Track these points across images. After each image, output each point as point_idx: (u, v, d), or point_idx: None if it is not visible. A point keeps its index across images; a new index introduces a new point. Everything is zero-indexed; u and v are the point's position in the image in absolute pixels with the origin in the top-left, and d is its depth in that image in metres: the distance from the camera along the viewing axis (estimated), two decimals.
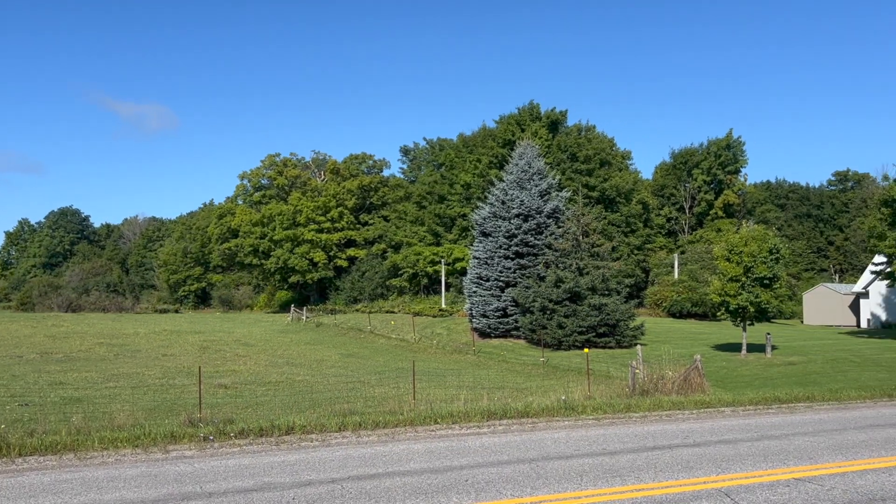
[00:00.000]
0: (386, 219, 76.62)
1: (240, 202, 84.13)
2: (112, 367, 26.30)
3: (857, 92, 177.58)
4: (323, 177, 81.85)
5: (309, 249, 72.36)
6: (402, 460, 8.36)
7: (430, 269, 64.71)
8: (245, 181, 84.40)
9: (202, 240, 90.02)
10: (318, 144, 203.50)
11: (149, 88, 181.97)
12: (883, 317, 49.77)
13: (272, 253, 72.97)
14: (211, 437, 9.67)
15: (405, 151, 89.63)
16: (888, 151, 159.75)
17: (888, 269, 38.06)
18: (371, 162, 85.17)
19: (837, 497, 6.50)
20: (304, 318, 55.46)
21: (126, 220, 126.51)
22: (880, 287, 47.41)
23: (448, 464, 8.12)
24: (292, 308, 59.35)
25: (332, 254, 74.21)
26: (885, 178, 47.37)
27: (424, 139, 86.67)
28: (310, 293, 77.54)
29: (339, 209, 75.09)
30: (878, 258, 42.20)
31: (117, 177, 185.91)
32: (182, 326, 48.58)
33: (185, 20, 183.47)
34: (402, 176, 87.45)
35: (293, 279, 73.66)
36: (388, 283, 70.00)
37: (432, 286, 66.90)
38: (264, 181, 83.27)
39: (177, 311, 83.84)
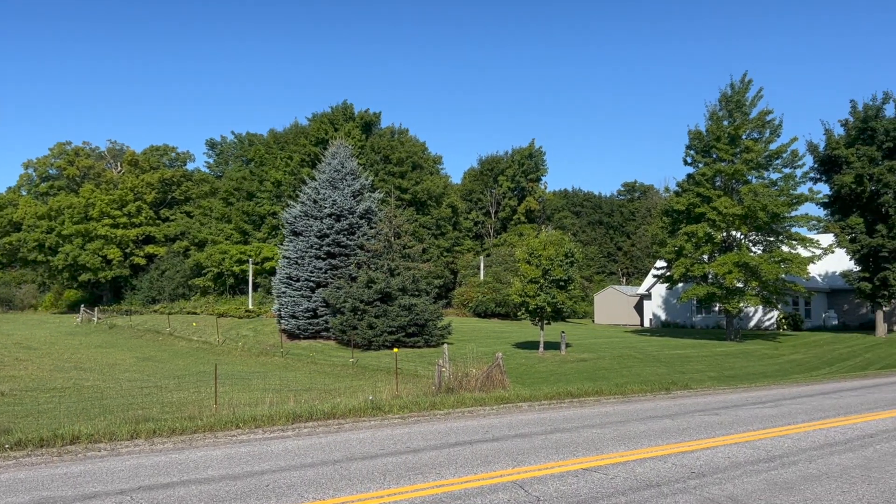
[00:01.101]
0: (189, 215, 73.06)
1: (24, 193, 76.66)
2: None
3: (643, 112, 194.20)
4: (120, 168, 76.52)
5: (102, 245, 67.24)
6: (199, 468, 7.98)
7: (236, 269, 62.54)
8: (30, 170, 77.07)
9: None
10: (115, 134, 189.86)
11: None
12: (663, 317, 54.63)
13: (60, 249, 67.09)
14: None
15: (212, 145, 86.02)
16: (670, 166, 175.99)
17: (668, 273, 41.83)
18: (174, 154, 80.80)
19: (619, 484, 7.02)
20: (94, 319, 51.57)
21: None
22: (661, 290, 52.07)
23: (249, 469, 7.85)
24: (82, 308, 54.91)
25: (128, 251, 69.49)
26: (667, 190, 52.08)
27: (233, 133, 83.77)
28: (103, 293, 72.19)
29: (138, 203, 70.53)
30: (660, 263, 46.35)
31: None
32: None
33: None
34: (207, 171, 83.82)
35: (84, 277, 68.12)
36: (190, 282, 66.73)
37: (239, 286, 64.70)
38: (52, 171, 76.46)
39: None
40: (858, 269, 41.03)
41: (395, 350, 23.43)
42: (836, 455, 8.43)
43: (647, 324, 55.89)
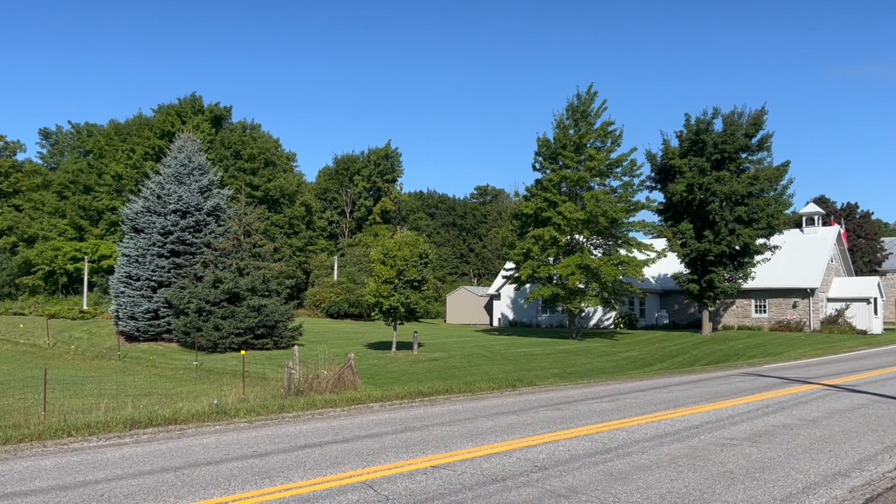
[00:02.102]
0: (18, 208, 67.61)
1: None
2: None
3: (496, 117, 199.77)
4: None
5: None
6: (25, 479, 7.38)
7: (70, 267, 58.52)
8: None
9: None
10: None
11: None
12: (511, 316, 56.36)
13: None
14: None
15: (45, 135, 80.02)
16: (519, 171, 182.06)
17: (516, 275, 43.22)
18: (1, 143, 74.46)
19: (466, 480, 7.16)
20: None
21: None
22: (509, 290, 53.72)
23: (82, 479, 7.35)
24: None
25: None
26: (517, 194, 53.99)
27: (70, 123, 78.39)
28: None
29: None
30: (509, 264, 47.79)
31: None
32: None
33: None
34: (40, 161, 77.90)
35: None
36: (17, 281, 61.72)
37: (73, 286, 60.58)
38: None
39: None
40: (688, 271, 44.15)
41: (243, 352, 22.74)
42: (666, 446, 9.02)
43: (496, 323, 57.48)
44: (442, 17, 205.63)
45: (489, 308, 60.22)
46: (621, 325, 50.68)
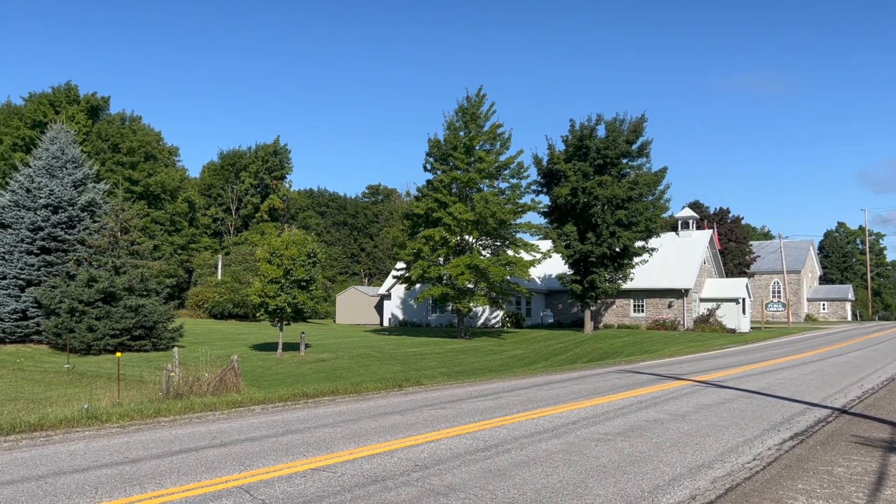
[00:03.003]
0: None
1: None
2: None
3: (389, 117, 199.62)
4: None
5: None
6: None
7: None
8: None
9: None
10: None
11: None
12: (401, 316, 56.44)
13: None
14: None
15: None
16: (412, 171, 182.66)
17: (406, 275, 43.30)
18: None
19: (346, 482, 7.12)
20: None
21: None
22: (400, 290, 53.80)
23: None
24: None
25: None
26: (408, 194, 54.13)
27: None
28: None
29: None
30: (400, 264, 47.82)
31: None
32: None
33: None
34: None
35: None
36: None
37: None
38: None
39: None
40: (571, 272, 45.52)
41: (119, 354, 21.73)
42: (544, 442, 9.27)
43: (386, 323, 57.42)
44: (334, 13, 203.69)
45: (380, 308, 60.07)
46: (508, 325, 51.73)
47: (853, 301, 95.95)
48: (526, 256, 42.96)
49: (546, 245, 46.87)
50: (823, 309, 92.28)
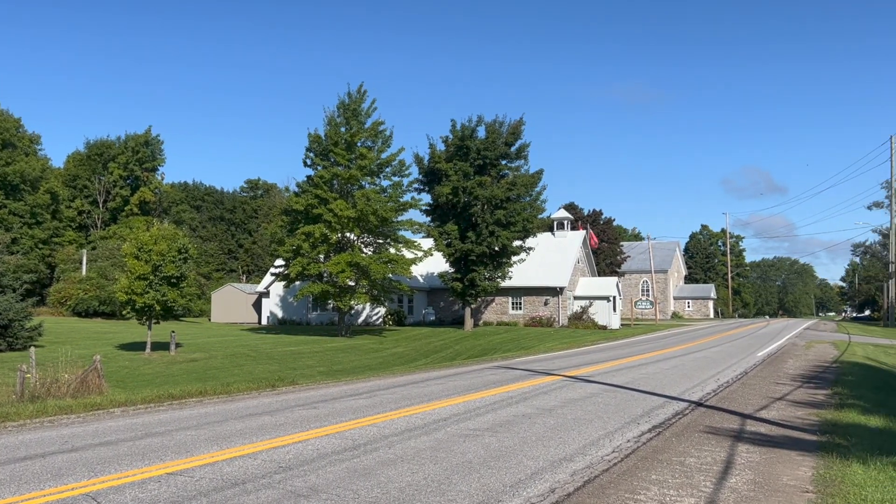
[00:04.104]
0: None
1: None
2: None
3: (270, 111, 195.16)
4: None
5: None
6: None
7: None
8: None
9: None
10: None
11: None
12: (280, 314, 55.30)
13: None
14: None
15: None
16: (292, 166, 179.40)
17: (285, 272, 42.45)
18: None
19: (204, 486, 6.84)
20: None
21: None
22: (279, 288, 52.64)
23: None
24: None
25: None
26: (287, 189, 53.04)
27: None
28: None
29: None
30: (279, 261, 46.86)
31: None
32: None
33: None
34: None
35: None
36: None
37: None
38: None
39: None
40: (452, 270, 46.03)
41: None
42: (413, 439, 9.26)
43: (265, 322, 56.12)
44: (209, 4, 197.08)
45: (258, 306, 58.61)
46: (390, 322, 51.68)
47: (715, 299, 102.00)
48: (408, 254, 43.05)
49: (428, 243, 47.16)
50: (688, 307, 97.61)
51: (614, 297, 53.31)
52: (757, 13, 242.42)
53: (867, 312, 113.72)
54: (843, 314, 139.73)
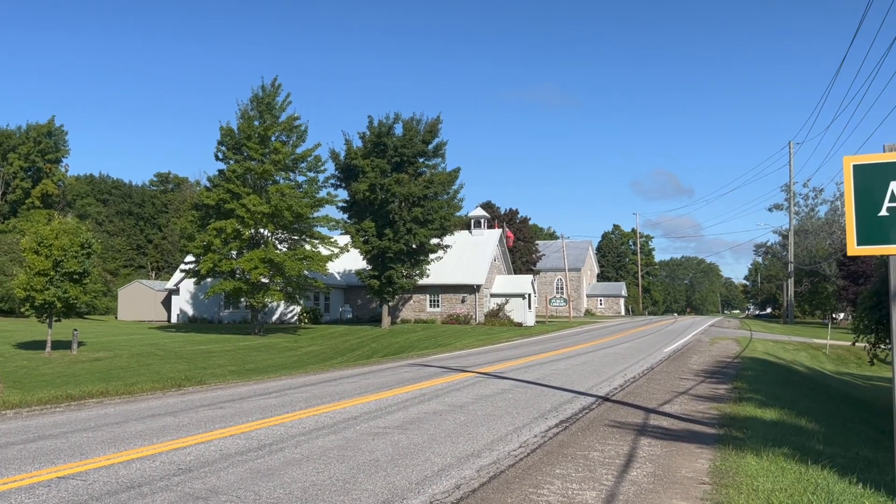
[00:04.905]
0: None
1: None
2: None
3: (180, 104, 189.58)
4: None
5: None
6: None
7: None
8: None
9: None
10: None
11: None
12: (190, 312, 53.83)
13: None
14: None
15: None
16: (204, 160, 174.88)
17: (196, 268, 41.31)
18: None
19: (97, 489, 6.55)
20: None
21: None
22: (189, 285, 51.18)
23: None
24: None
25: None
26: (197, 184, 51.61)
27: None
28: None
29: None
30: (189, 258, 45.56)
31: None
32: None
33: None
34: None
35: None
36: None
37: None
38: None
39: None
40: (370, 268, 45.79)
41: None
42: (321, 438, 9.13)
43: (174, 319, 54.53)
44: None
45: (167, 304, 56.87)
46: (306, 320, 50.98)
47: (626, 297, 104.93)
48: (324, 251, 42.56)
49: (345, 240, 46.75)
50: (601, 304, 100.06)
51: (529, 295, 54.12)
52: (666, 20, 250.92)
53: (769, 310, 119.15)
54: (747, 312, 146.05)
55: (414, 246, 44.60)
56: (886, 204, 4.94)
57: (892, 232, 4.90)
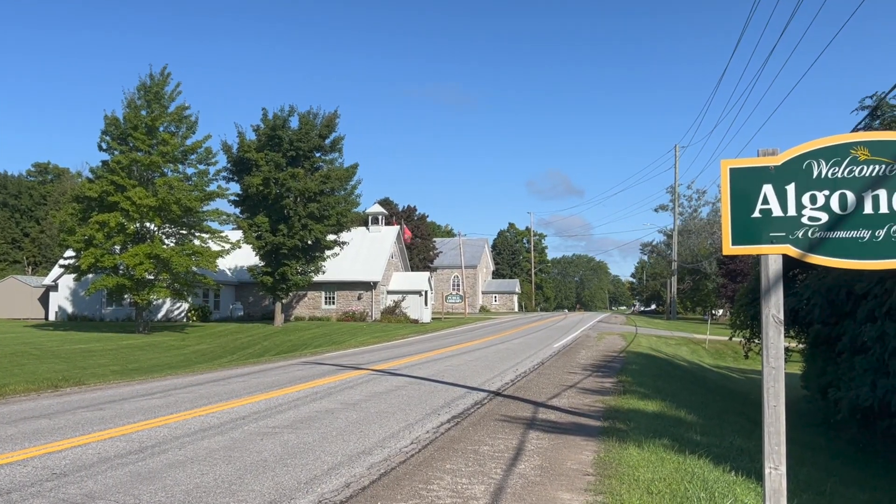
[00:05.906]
0: None
1: None
2: None
3: (56, 92, 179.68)
4: None
5: None
6: None
7: None
8: None
9: None
10: None
11: None
12: (70, 310, 51.19)
13: None
14: None
15: None
16: (87, 150, 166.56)
17: (76, 264, 39.25)
18: None
19: None
20: None
21: None
22: (69, 281, 48.59)
23: None
24: None
25: None
26: (79, 175, 49.07)
27: None
28: None
29: None
30: (69, 252, 43.23)
31: None
32: None
33: None
34: None
35: None
36: None
37: None
38: None
39: None
40: (263, 264, 44.82)
41: None
42: (207, 439, 8.86)
43: (52, 317, 51.69)
44: None
45: (45, 300, 53.83)
46: (194, 318, 49.39)
47: (520, 294, 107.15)
48: (214, 247, 41.33)
49: (237, 235, 45.53)
50: (495, 301, 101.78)
51: (426, 292, 54.39)
52: (556, 20, 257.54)
53: (653, 306, 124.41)
54: (633, 308, 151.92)
55: (309, 242, 43.98)
56: (759, 206, 5.21)
57: (764, 233, 5.18)
